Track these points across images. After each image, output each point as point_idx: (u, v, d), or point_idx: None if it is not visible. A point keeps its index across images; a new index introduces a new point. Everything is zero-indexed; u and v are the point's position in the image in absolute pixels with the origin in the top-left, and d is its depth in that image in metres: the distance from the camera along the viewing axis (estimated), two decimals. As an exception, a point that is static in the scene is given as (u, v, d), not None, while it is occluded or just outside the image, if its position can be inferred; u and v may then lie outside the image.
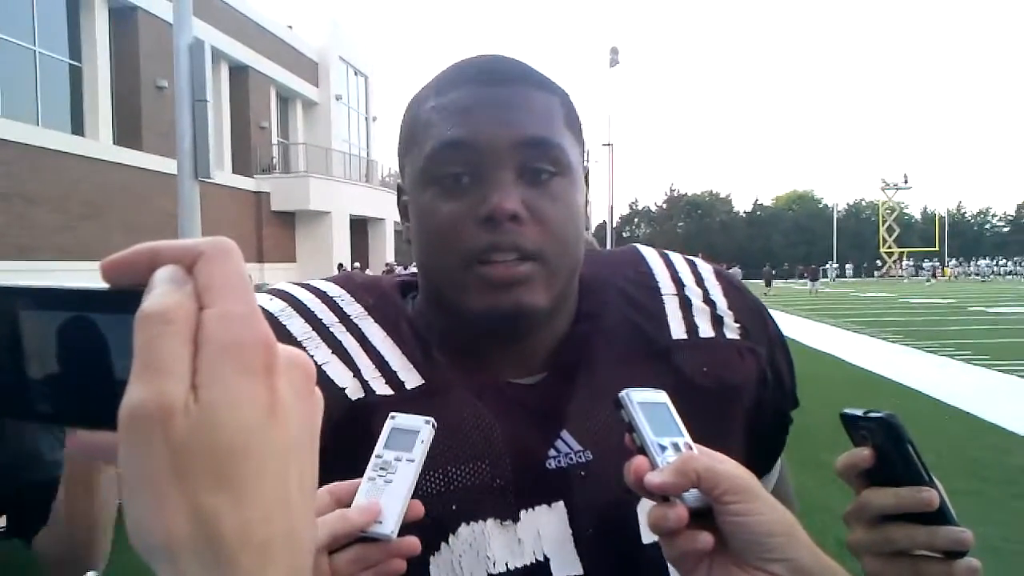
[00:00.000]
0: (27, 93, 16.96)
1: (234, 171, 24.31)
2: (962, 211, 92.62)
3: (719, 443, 0.65)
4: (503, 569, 0.76)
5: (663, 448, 0.62)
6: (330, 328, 0.83)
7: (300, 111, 29.89)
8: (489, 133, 0.77)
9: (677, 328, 0.88)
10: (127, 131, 19.44)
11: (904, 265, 69.59)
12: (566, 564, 0.77)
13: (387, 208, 29.96)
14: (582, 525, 0.78)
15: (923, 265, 62.34)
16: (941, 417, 8.13)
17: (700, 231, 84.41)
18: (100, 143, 18.39)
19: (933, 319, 21.40)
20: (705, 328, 0.89)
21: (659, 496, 0.61)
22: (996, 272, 63.37)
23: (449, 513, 0.75)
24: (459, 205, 0.77)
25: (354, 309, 0.85)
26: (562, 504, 0.78)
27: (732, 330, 0.89)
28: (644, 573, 0.78)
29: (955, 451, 6.43)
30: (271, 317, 0.82)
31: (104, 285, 0.35)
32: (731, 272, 0.99)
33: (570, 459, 0.79)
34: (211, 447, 0.32)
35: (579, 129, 0.85)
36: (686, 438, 0.64)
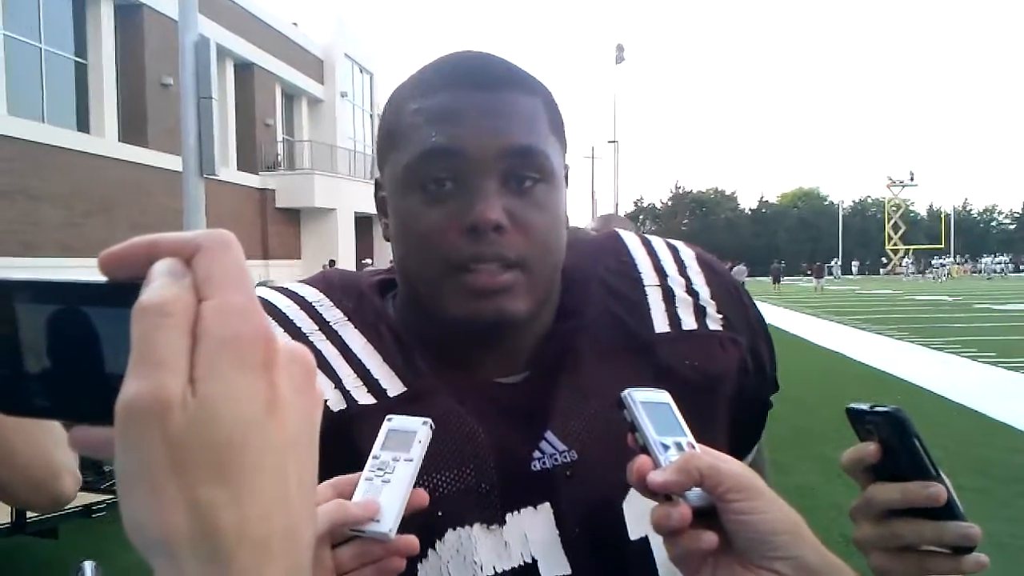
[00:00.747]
0: (33, 90, 17.00)
1: (239, 168, 24.34)
2: (968, 208, 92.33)
3: (704, 435, 0.65)
4: (491, 573, 0.75)
5: (666, 447, 0.61)
6: (309, 336, 0.81)
7: (305, 108, 29.92)
8: (475, 141, 0.76)
9: (660, 321, 0.87)
10: (132, 128, 19.49)
11: (904, 263, 68.30)
12: (554, 565, 0.77)
13: (392, 205, 29.86)
14: (569, 525, 0.77)
15: (931, 263, 61.21)
16: (947, 414, 8.12)
17: (705, 228, 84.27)
18: (105, 140, 18.44)
19: (939, 316, 21.36)
20: (688, 320, 0.88)
21: (662, 495, 0.61)
22: (1004, 271, 62.50)
23: (435, 519, 0.75)
24: (442, 212, 0.76)
25: (333, 315, 0.84)
26: (548, 505, 0.78)
27: (715, 320, 0.89)
28: (631, 570, 0.78)
29: (962, 448, 6.42)
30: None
31: (102, 278, 0.34)
32: (737, 268, 0.99)
33: (555, 459, 0.78)
34: (209, 441, 0.31)
35: (562, 130, 0.85)
36: (689, 438, 0.63)
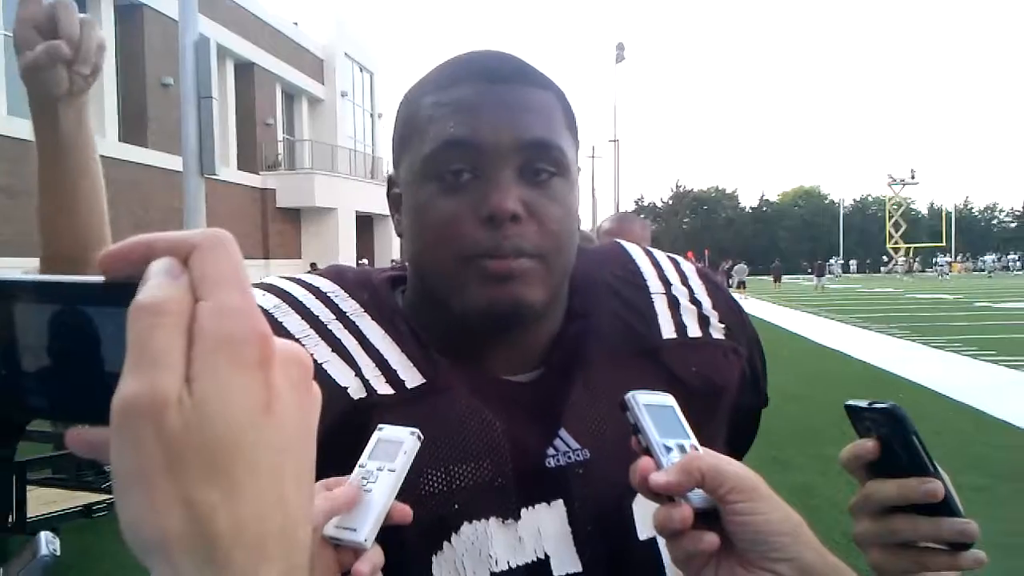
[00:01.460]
0: (33, 91, 16.97)
1: (240, 168, 24.34)
2: (969, 206, 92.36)
3: (705, 442, 0.65)
4: (505, 567, 0.75)
5: (668, 449, 0.62)
6: (328, 325, 0.81)
7: (306, 108, 29.92)
8: (493, 133, 0.76)
9: (667, 327, 0.88)
10: (133, 128, 19.49)
11: (901, 262, 67.58)
12: (565, 562, 0.77)
13: (393, 205, 29.92)
14: (580, 523, 0.78)
15: (937, 261, 60.68)
16: (948, 413, 8.11)
17: (706, 227, 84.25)
18: (106, 140, 18.41)
19: (940, 315, 21.34)
20: (693, 328, 0.89)
21: (664, 497, 0.61)
22: (1005, 267, 62.18)
23: (452, 512, 0.75)
24: (459, 202, 0.77)
25: (349, 305, 0.83)
26: (561, 502, 0.78)
27: (717, 330, 0.90)
28: (639, 569, 0.78)
29: (962, 447, 6.41)
30: (266, 314, 0.80)
31: (99, 278, 0.34)
32: (738, 267, 1.00)
33: (568, 457, 0.79)
34: (204, 441, 0.31)
35: (576, 128, 0.85)
36: (692, 440, 0.63)
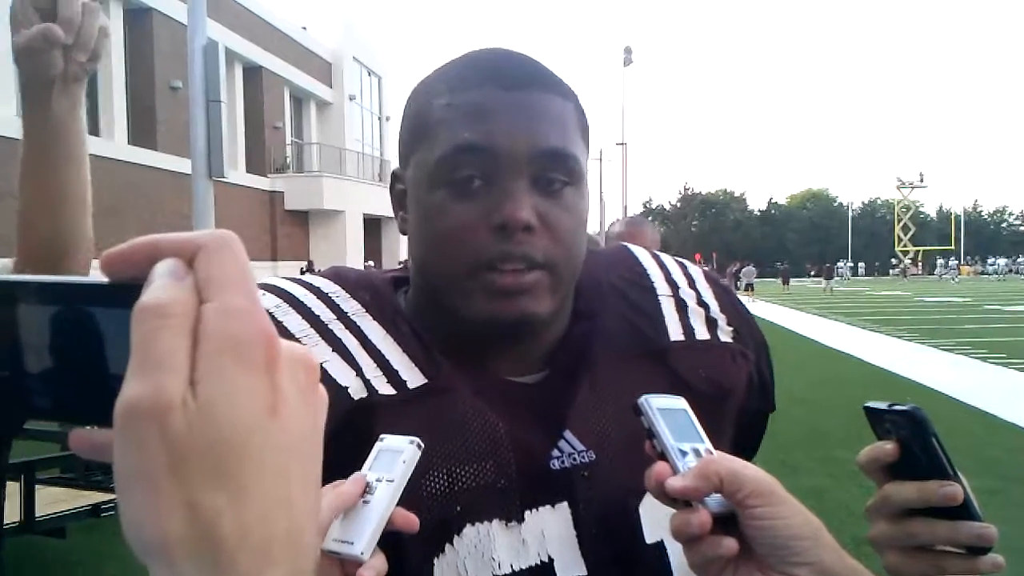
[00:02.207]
0: (43, 94, 17.06)
1: (248, 171, 24.42)
2: (978, 209, 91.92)
3: (713, 445, 0.65)
4: (508, 570, 0.75)
5: (684, 453, 0.61)
6: (328, 325, 0.80)
7: (314, 111, 30.01)
8: (507, 140, 0.75)
9: (674, 329, 0.87)
10: (142, 131, 19.58)
11: (905, 265, 66.48)
12: (570, 565, 0.76)
13: (400, 207, 30.01)
14: (585, 526, 0.77)
15: (948, 264, 60.07)
16: (958, 416, 8.06)
17: (714, 230, 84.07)
18: (115, 143, 18.52)
19: (949, 317, 21.24)
20: (701, 330, 0.89)
21: (681, 502, 0.60)
22: (1014, 270, 61.78)
23: (454, 514, 0.74)
24: (470, 209, 0.76)
25: (351, 306, 0.82)
26: (566, 505, 0.77)
27: (726, 333, 0.90)
28: (647, 573, 0.78)
29: (972, 450, 6.37)
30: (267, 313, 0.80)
31: (104, 279, 0.34)
32: (746, 269, 1.00)
33: (573, 459, 0.78)
34: (209, 444, 0.31)
35: (588, 134, 0.84)
36: (707, 444, 0.63)
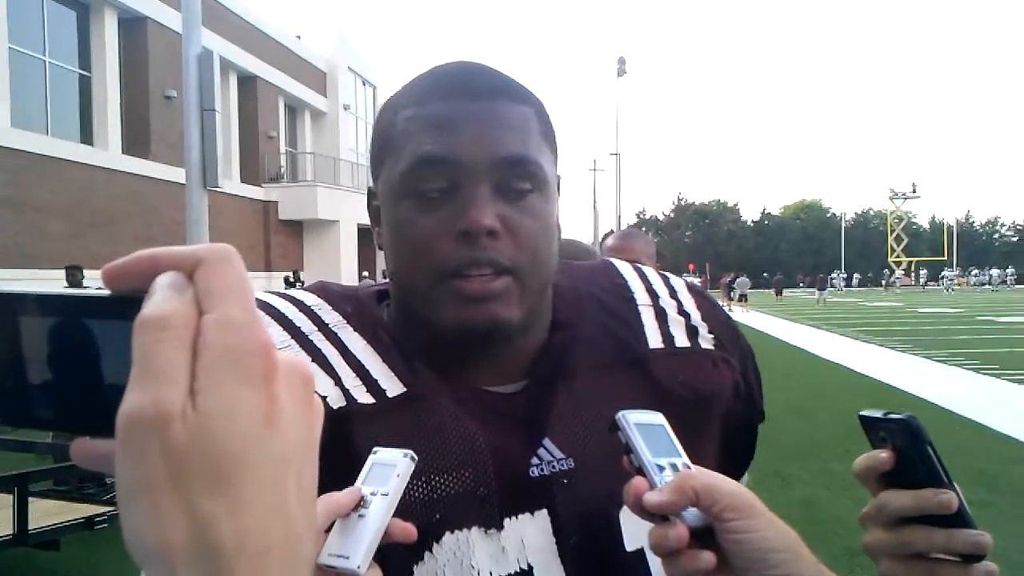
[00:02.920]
0: (37, 102, 17.07)
1: (242, 180, 24.40)
2: (971, 220, 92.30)
3: (695, 453, 0.65)
4: None
5: (661, 468, 0.62)
6: (309, 336, 0.81)
7: (308, 121, 30.03)
8: (469, 150, 0.76)
9: (654, 337, 0.88)
10: (136, 140, 19.56)
11: (894, 278, 66.28)
12: (549, 572, 0.76)
13: (394, 217, 30.02)
14: (565, 534, 0.77)
15: (944, 275, 60.14)
16: (951, 427, 8.09)
17: (708, 240, 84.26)
18: (109, 152, 18.50)
19: (941, 328, 21.31)
20: (681, 338, 0.89)
21: (658, 516, 0.61)
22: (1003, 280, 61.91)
23: (433, 522, 0.74)
24: (435, 219, 0.77)
25: (332, 317, 0.84)
26: (545, 512, 0.78)
27: (707, 340, 0.90)
28: None
29: (965, 461, 6.39)
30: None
31: (105, 291, 0.35)
32: (740, 280, 1.00)
33: (553, 467, 0.79)
34: (208, 454, 0.32)
35: (554, 140, 0.85)
36: (684, 458, 0.63)
